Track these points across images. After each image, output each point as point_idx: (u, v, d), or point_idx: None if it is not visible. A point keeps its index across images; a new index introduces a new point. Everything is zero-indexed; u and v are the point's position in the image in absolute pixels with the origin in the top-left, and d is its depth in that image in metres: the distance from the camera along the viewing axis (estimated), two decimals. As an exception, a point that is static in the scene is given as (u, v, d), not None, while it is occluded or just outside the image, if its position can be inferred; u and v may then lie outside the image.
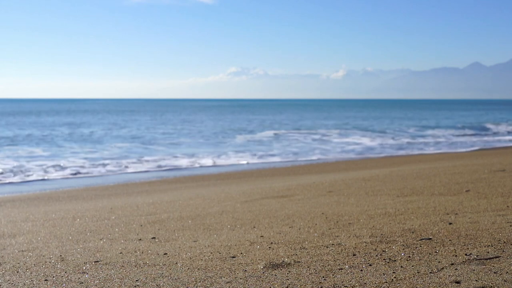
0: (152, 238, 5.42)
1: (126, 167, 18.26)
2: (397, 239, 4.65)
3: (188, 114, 75.83)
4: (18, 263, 4.44)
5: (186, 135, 35.28)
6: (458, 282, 3.41)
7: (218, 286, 3.58)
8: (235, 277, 3.75)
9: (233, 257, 4.33)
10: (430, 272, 3.64)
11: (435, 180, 8.85)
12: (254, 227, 5.77)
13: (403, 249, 4.29)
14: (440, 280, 3.47)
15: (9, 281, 3.89)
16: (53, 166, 18.08)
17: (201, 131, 39.70)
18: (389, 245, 4.45)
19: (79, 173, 16.77)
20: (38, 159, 20.39)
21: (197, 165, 18.78)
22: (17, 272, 4.14)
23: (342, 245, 4.55)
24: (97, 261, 4.36)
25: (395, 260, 3.98)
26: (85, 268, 4.16)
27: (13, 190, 12.98)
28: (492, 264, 3.75)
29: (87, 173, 16.83)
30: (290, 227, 5.57)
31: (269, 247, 4.62)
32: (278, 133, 36.71)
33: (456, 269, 3.69)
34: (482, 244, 4.30)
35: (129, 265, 4.20)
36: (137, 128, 43.43)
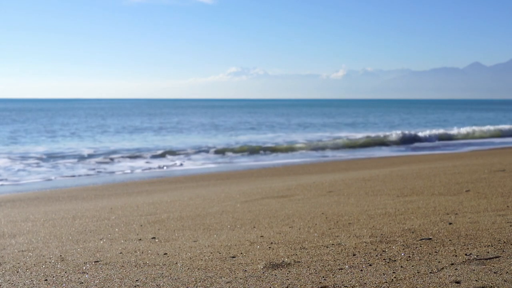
0: (152, 238, 5.42)
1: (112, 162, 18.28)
2: (397, 239, 4.66)
3: (187, 115, 75.68)
4: (18, 263, 4.44)
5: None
6: (458, 282, 3.41)
7: (218, 286, 3.58)
8: (235, 277, 3.75)
9: (233, 257, 4.33)
10: (430, 272, 3.65)
11: (435, 180, 8.85)
12: (254, 227, 5.77)
13: (403, 249, 4.29)
14: (440, 280, 3.47)
15: (9, 281, 3.89)
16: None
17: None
18: (389, 245, 4.45)
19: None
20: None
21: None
22: (17, 272, 4.14)
23: (342, 245, 4.55)
24: (97, 261, 4.36)
25: (395, 260, 3.98)
26: (85, 268, 4.16)
27: (13, 189, 12.98)
28: (492, 264, 3.75)
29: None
30: (290, 227, 5.57)
31: (269, 247, 4.62)
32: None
33: (456, 269, 3.69)
34: (482, 244, 4.31)
35: (129, 265, 4.20)
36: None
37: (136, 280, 3.78)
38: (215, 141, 30.22)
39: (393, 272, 3.68)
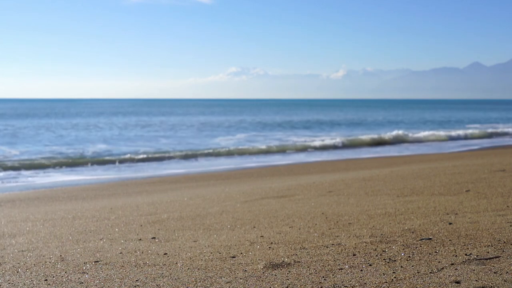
0: (152, 238, 5.42)
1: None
2: (397, 239, 4.66)
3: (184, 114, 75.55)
4: (18, 263, 4.44)
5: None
6: (458, 282, 3.41)
7: (218, 286, 3.58)
8: (235, 277, 3.75)
9: (233, 257, 4.33)
10: (430, 272, 3.65)
11: (435, 180, 8.85)
12: (254, 227, 5.77)
13: (403, 249, 4.29)
14: (440, 280, 3.47)
15: (9, 281, 3.89)
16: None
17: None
18: (389, 245, 4.45)
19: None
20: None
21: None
22: (17, 272, 4.14)
23: (342, 245, 4.55)
24: (97, 261, 4.36)
25: (395, 260, 3.98)
26: (85, 268, 4.16)
27: (13, 189, 12.98)
28: (492, 264, 3.75)
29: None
30: (290, 227, 5.57)
31: (269, 247, 4.62)
32: (250, 135, 35.60)
33: (456, 269, 3.69)
34: (482, 244, 4.31)
35: (129, 265, 4.20)
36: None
37: (136, 280, 3.78)
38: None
39: (393, 272, 3.68)
